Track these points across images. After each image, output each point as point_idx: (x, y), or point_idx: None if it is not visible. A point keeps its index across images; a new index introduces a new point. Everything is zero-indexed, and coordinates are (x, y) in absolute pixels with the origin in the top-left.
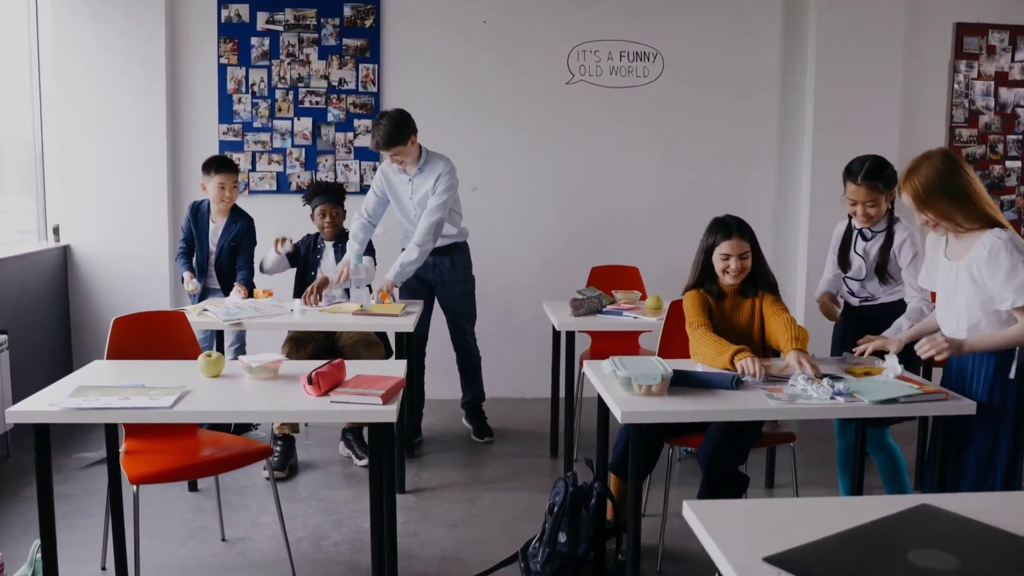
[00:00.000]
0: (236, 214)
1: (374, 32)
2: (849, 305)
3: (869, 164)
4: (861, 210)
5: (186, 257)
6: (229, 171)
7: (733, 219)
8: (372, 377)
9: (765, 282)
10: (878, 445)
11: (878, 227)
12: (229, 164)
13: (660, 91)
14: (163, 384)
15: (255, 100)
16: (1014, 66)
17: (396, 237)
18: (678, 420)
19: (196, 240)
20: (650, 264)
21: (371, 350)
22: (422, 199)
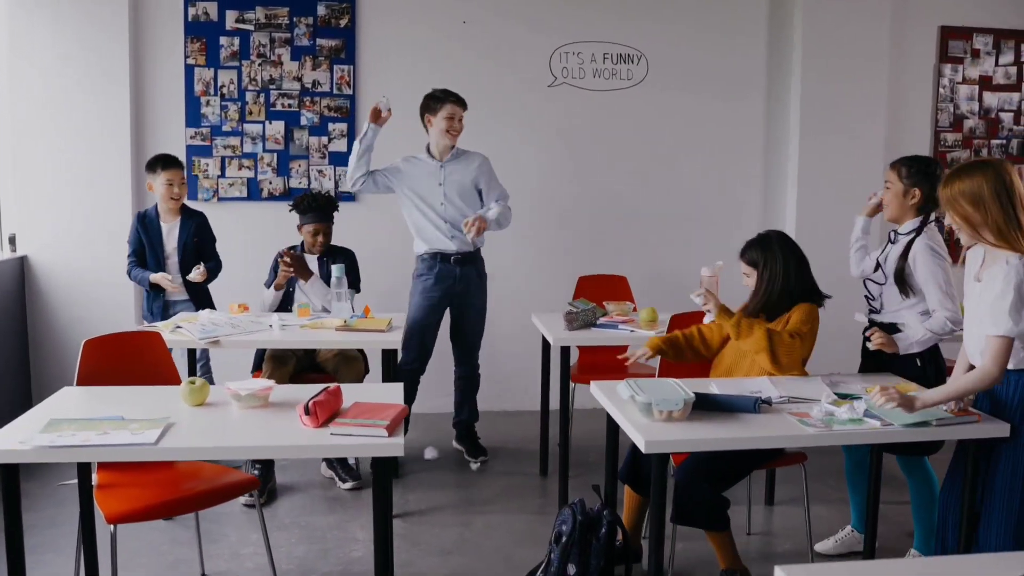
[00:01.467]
0: (187, 213)
1: (349, 32)
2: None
3: (913, 155)
4: (882, 192)
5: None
6: (176, 167)
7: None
8: (372, 405)
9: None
10: (916, 468)
11: (904, 228)
12: (175, 160)
13: (645, 94)
14: (143, 415)
15: (224, 103)
16: (998, 70)
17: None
18: (707, 448)
19: (149, 249)
20: (637, 272)
21: (351, 366)
22: (459, 188)
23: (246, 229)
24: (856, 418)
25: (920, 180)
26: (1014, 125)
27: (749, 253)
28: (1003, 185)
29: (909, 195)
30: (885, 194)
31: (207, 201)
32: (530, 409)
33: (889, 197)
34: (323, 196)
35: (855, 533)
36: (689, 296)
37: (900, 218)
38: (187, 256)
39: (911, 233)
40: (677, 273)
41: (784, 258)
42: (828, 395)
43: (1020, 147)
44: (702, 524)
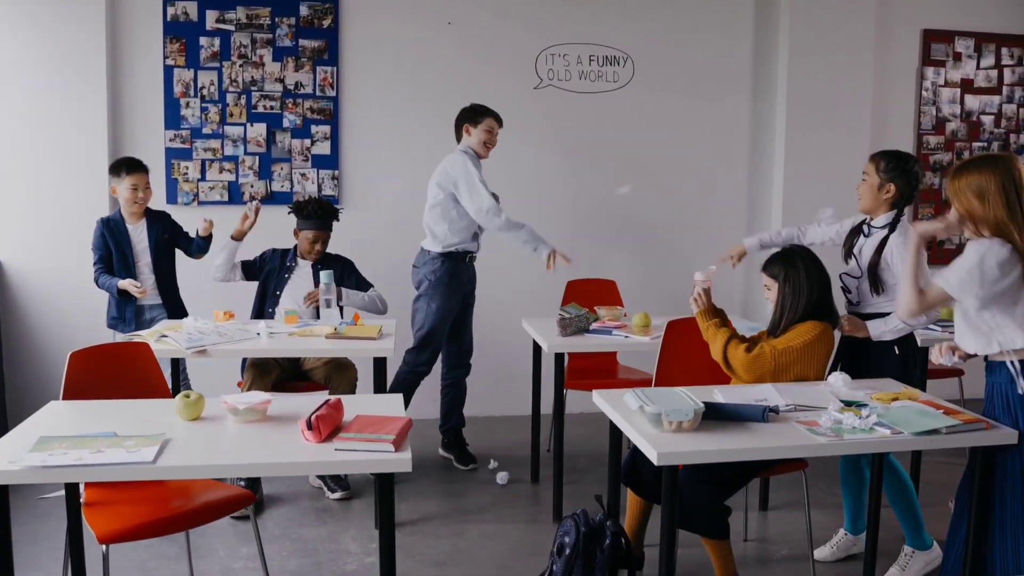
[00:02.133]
0: (151, 214)
1: (332, 33)
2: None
3: (890, 150)
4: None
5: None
6: (141, 171)
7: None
8: (375, 418)
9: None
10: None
11: (877, 223)
12: (139, 164)
13: (631, 96)
14: (137, 431)
15: (204, 104)
16: (979, 73)
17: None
18: (721, 460)
19: (117, 254)
20: (626, 276)
21: (344, 374)
22: None
23: (227, 233)
24: (865, 428)
25: (896, 175)
26: (995, 128)
27: (772, 267)
28: (1012, 181)
29: (884, 189)
30: (860, 185)
31: (187, 205)
32: (516, 414)
33: (864, 189)
34: (327, 204)
35: (848, 536)
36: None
37: (874, 211)
38: (160, 254)
39: (884, 228)
40: (665, 276)
41: (807, 275)
42: (835, 403)
43: (1001, 150)
44: (702, 530)
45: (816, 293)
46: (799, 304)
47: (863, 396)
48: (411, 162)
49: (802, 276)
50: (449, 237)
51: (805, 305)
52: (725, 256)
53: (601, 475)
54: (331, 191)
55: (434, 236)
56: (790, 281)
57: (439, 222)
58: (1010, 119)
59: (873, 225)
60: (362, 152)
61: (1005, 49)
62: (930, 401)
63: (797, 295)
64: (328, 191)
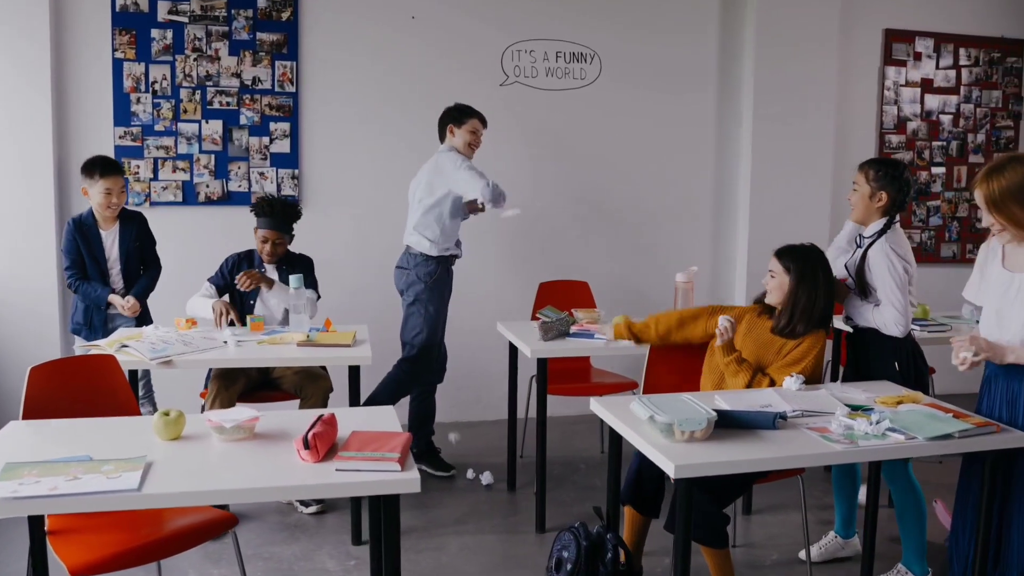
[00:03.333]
0: (125, 216)
1: (292, 26)
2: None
3: (880, 157)
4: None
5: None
6: (115, 174)
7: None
8: (373, 434)
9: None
10: (898, 476)
11: (868, 232)
12: (115, 166)
13: (598, 94)
14: (112, 453)
15: (156, 100)
16: (938, 73)
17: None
18: (740, 471)
19: (90, 260)
20: (596, 276)
21: (317, 384)
22: None
23: (181, 236)
24: (878, 433)
25: (887, 183)
26: (953, 127)
27: (787, 258)
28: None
29: (876, 198)
30: (852, 195)
31: (139, 206)
32: (486, 419)
33: (856, 199)
34: (283, 203)
35: (838, 539)
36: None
37: (866, 220)
38: (131, 263)
39: (874, 236)
40: (636, 276)
41: (825, 279)
42: (841, 408)
43: (959, 149)
44: (701, 539)
45: (823, 299)
46: (813, 312)
47: (866, 399)
48: (374, 161)
49: (820, 281)
50: (442, 240)
51: (819, 317)
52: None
53: (577, 482)
54: (291, 191)
55: (427, 239)
56: (805, 283)
57: (432, 224)
58: (967, 119)
59: (864, 235)
60: (323, 151)
61: (963, 49)
62: (935, 404)
63: (812, 300)
64: (288, 191)
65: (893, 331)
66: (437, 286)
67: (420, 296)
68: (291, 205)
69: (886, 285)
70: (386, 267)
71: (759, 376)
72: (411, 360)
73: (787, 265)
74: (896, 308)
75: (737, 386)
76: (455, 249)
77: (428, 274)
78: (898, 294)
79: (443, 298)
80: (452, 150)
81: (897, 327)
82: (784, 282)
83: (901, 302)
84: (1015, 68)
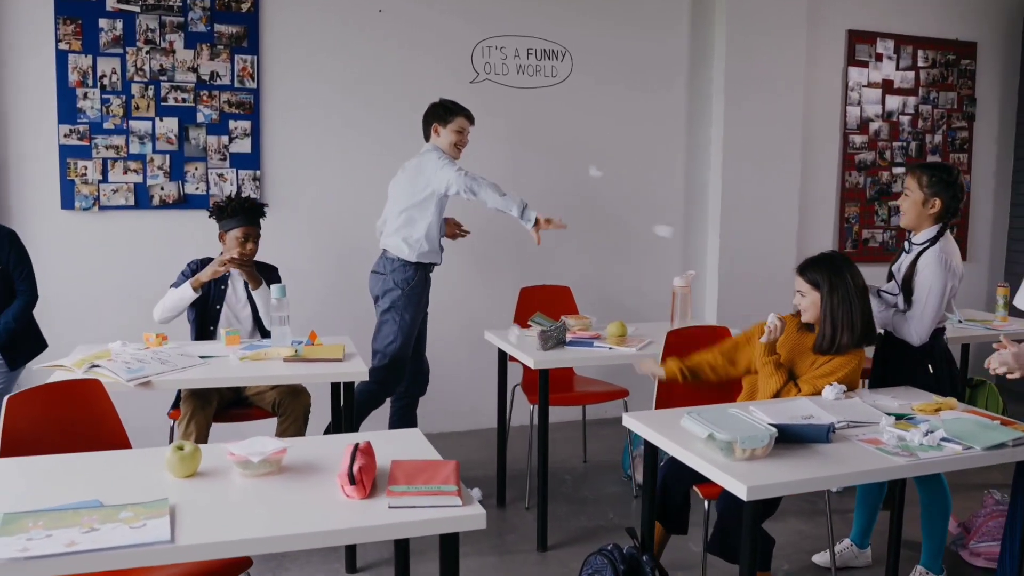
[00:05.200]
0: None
1: (252, 18)
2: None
3: (933, 163)
4: (901, 199)
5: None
6: None
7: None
8: (415, 464)
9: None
10: (931, 480)
11: (919, 239)
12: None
13: (570, 92)
14: (124, 496)
15: (106, 96)
16: (898, 75)
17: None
18: (812, 488)
19: None
20: (573, 279)
21: (299, 399)
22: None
23: (134, 243)
24: (933, 444)
25: (941, 189)
26: (911, 128)
27: (812, 272)
28: None
29: (929, 204)
30: (903, 201)
31: (87, 210)
32: (459, 430)
33: (907, 205)
34: (250, 199)
35: (853, 547)
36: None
37: (918, 227)
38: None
39: (926, 243)
40: (612, 278)
41: (855, 283)
42: (885, 418)
43: (918, 149)
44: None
45: (860, 308)
46: (855, 321)
47: (899, 407)
48: (340, 161)
49: (851, 286)
50: (423, 245)
51: (861, 326)
52: None
53: (567, 495)
54: (252, 193)
55: (406, 243)
56: (837, 293)
57: (413, 228)
58: (926, 119)
59: (914, 241)
60: (286, 150)
61: (920, 51)
62: (973, 411)
63: (850, 309)
64: (249, 193)
65: (912, 338)
66: (414, 293)
67: (396, 303)
68: (256, 201)
69: (929, 294)
70: (354, 274)
71: (789, 384)
72: (381, 369)
73: (813, 280)
74: (927, 318)
75: (768, 388)
76: (435, 256)
77: (405, 280)
78: (935, 305)
79: (419, 306)
80: (436, 149)
81: (918, 336)
82: (816, 299)
83: (933, 315)
84: (969, 70)
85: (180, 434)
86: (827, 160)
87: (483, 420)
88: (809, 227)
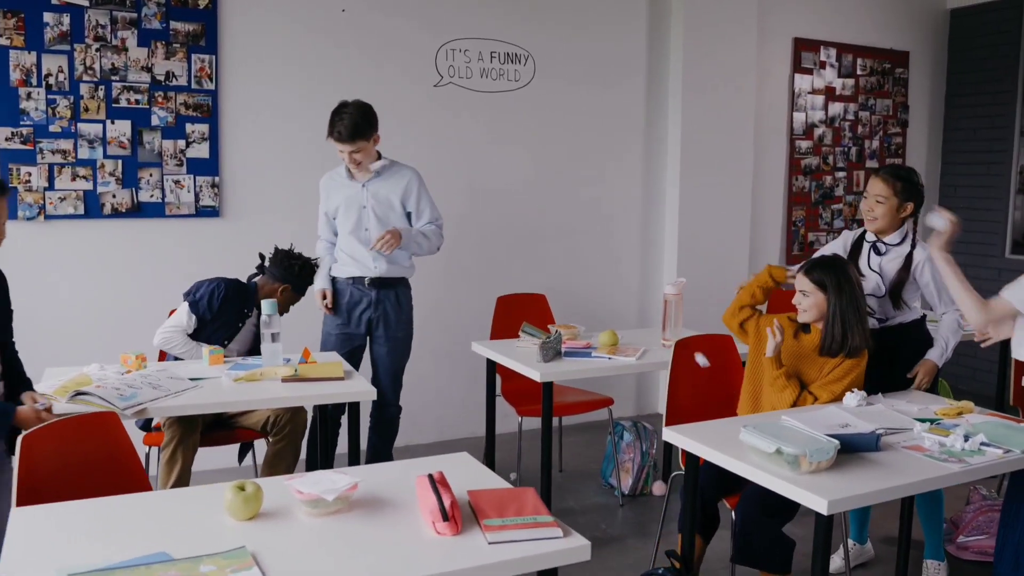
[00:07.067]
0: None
1: (210, 15)
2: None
3: (897, 166)
4: (868, 204)
5: None
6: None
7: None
8: (494, 493)
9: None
10: None
11: (892, 240)
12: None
13: (533, 96)
14: (188, 545)
15: (52, 96)
16: (839, 82)
17: None
18: (883, 500)
19: None
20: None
21: (298, 417)
22: (382, 209)
23: (82, 255)
24: (974, 450)
25: (913, 193)
26: (852, 133)
27: (818, 272)
28: None
29: (903, 209)
30: (876, 207)
31: (31, 220)
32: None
33: (883, 211)
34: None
35: (856, 545)
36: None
37: (889, 229)
38: None
39: (900, 244)
40: (580, 284)
41: (859, 285)
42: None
43: (857, 154)
44: (764, 565)
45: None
46: (864, 322)
47: (918, 411)
48: (303, 167)
49: (857, 289)
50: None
51: (856, 322)
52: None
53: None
54: (210, 201)
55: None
56: (843, 294)
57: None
58: (864, 125)
59: (888, 243)
60: (247, 155)
61: (860, 59)
62: (994, 414)
63: (857, 310)
64: (207, 201)
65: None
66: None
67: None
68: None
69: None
70: None
71: (804, 394)
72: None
73: (819, 281)
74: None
75: (783, 402)
76: (359, 271)
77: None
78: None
79: (336, 326)
80: (341, 169)
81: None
82: (819, 300)
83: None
84: (902, 78)
85: (164, 461)
86: (775, 165)
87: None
88: (759, 230)
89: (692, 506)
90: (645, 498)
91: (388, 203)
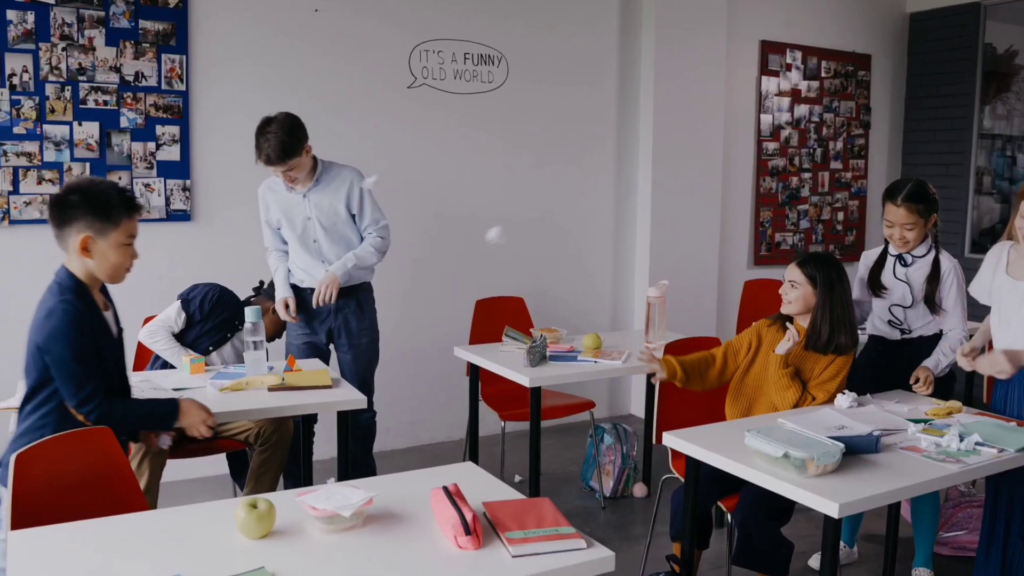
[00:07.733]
0: None
1: (181, 14)
2: (883, 340)
3: (911, 186)
4: (898, 233)
5: None
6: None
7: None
8: (510, 504)
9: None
10: None
11: (918, 252)
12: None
13: (507, 97)
14: (204, 566)
15: (16, 96)
16: (804, 84)
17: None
18: (889, 501)
19: None
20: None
21: (285, 426)
22: (328, 218)
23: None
24: (969, 449)
25: (932, 206)
26: (816, 135)
27: (811, 266)
28: None
29: (929, 223)
30: (908, 234)
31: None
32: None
33: (915, 236)
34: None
35: (845, 547)
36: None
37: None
38: None
39: (927, 254)
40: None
41: (848, 286)
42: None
43: (822, 156)
44: (763, 567)
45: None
46: (849, 321)
47: (909, 412)
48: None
49: (846, 288)
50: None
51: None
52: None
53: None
54: (182, 204)
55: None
56: (835, 292)
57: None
58: (829, 127)
59: (915, 254)
60: (218, 158)
61: (824, 62)
62: (983, 413)
63: (844, 308)
64: (178, 204)
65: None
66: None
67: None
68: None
69: (960, 295)
70: None
71: (805, 394)
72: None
73: (811, 274)
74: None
75: (786, 401)
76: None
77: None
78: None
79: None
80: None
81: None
82: (808, 292)
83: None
84: (865, 81)
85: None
86: (744, 166)
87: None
88: (728, 231)
89: (694, 511)
90: (626, 500)
91: (333, 211)
